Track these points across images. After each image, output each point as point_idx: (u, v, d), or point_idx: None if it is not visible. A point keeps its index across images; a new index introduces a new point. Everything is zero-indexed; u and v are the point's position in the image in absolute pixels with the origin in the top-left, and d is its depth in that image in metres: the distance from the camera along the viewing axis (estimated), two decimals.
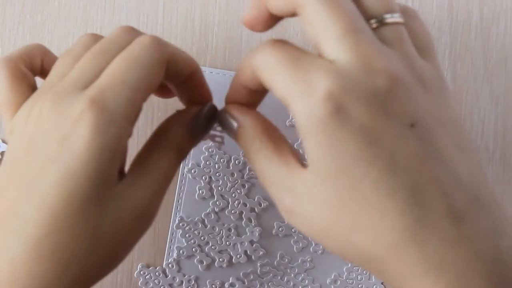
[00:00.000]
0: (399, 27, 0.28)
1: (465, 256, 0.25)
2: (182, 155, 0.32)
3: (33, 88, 0.32)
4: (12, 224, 0.27)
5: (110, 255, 0.29)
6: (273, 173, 0.29)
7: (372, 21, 0.27)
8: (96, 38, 0.31)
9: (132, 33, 0.31)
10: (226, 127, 0.32)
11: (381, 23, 0.27)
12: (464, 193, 0.26)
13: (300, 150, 0.38)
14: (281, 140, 0.30)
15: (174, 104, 0.35)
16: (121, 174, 0.30)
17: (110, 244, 0.29)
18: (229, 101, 0.32)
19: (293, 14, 0.28)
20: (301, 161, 0.29)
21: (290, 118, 0.38)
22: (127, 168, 0.31)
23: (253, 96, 0.31)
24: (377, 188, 0.25)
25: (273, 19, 0.30)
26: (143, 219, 0.30)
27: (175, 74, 0.31)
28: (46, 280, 0.27)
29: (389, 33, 0.27)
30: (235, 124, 0.31)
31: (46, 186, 0.27)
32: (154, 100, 0.39)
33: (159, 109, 0.40)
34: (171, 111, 0.33)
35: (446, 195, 0.26)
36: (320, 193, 0.26)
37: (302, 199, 0.27)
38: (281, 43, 0.28)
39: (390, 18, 0.27)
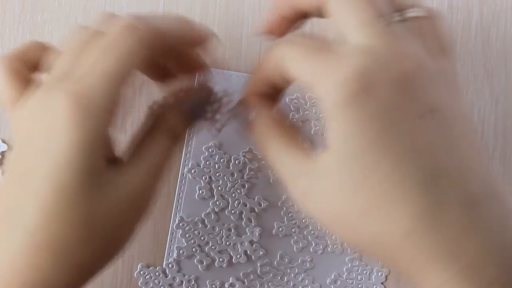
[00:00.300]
0: (423, 22, 0.29)
1: (476, 244, 0.25)
2: (176, 139, 0.32)
3: (31, 84, 0.32)
4: (11, 219, 0.28)
5: (108, 242, 0.29)
6: (289, 160, 0.29)
7: (397, 13, 0.28)
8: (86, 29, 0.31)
9: (111, 19, 0.31)
10: (242, 117, 0.32)
11: (406, 16, 0.28)
12: (479, 183, 0.26)
13: None
14: (297, 132, 0.31)
15: None
16: (113, 161, 0.30)
17: (106, 231, 0.29)
18: (248, 93, 0.32)
19: (317, 9, 0.29)
20: (316, 150, 0.29)
21: (290, 118, 0.38)
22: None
23: (272, 92, 0.32)
24: (396, 170, 0.26)
25: (290, 22, 0.31)
26: (138, 204, 0.30)
27: (168, 49, 0.32)
28: (45, 270, 0.28)
29: (414, 26, 0.28)
30: (251, 114, 0.32)
31: (38, 179, 0.28)
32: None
33: None
34: None
35: (461, 182, 0.26)
36: (336, 177, 0.27)
37: (318, 183, 0.28)
38: (304, 35, 0.29)
39: (415, 12, 0.28)
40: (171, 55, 0.33)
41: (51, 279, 0.28)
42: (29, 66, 0.33)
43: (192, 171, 0.39)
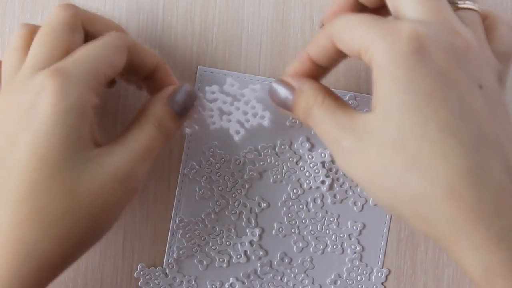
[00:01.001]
0: (476, 14, 0.30)
1: None
2: (163, 129, 0.33)
3: None
4: None
5: (90, 217, 0.30)
6: (336, 120, 0.30)
7: (456, 1, 0.30)
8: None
9: (71, 8, 0.32)
10: (279, 97, 0.33)
11: (461, 6, 0.30)
12: None
13: (301, 150, 0.38)
14: (342, 101, 0.32)
15: None
16: (98, 145, 0.31)
17: (89, 206, 0.29)
18: (288, 73, 0.34)
19: None
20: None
21: (290, 118, 0.38)
22: None
23: (315, 72, 0.33)
24: (444, 128, 0.26)
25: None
26: (125, 185, 0.30)
27: (138, 66, 0.33)
28: (27, 243, 0.28)
29: (467, 16, 0.30)
30: (289, 93, 0.32)
31: (20, 153, 0.28)
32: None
33: None
34: None
35: (503, 152, 0.27)
36: (384, 131, 0.28)
37: (363, 139, 0.29)
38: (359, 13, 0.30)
39: (470, 4, 0.31)
40: (146, 76, 0.34)
41: (35, 252, 0.28)
42: None
43: (192, 171, 0.39)
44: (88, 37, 0.33)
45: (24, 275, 0.28)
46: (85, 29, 0.32)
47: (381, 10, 0.32)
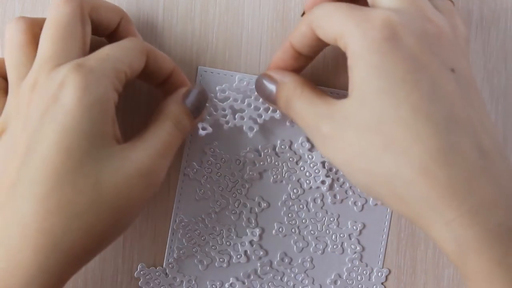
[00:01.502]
0: (450, 4, 0.32)
1: (488, 187, 0.27)
2: (181, 126, 0.34)
3: (7, 92, 0.33)
4: (18, 189, 0.29)
5: (114, 210, 0.30)
6: (313, 109, 0.32)
7: None
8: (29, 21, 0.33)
9: (75, 2, 0.32)
10: (264, 91, 0.35)
11: None
12: (490, 138, 0.29)
13: (301, 150, 0.38)
14: (320, 90, 0.33)
15: None
16: (120, 141, 0.31)
17: (113, 200, 0.30)
18: (271, 67, 0.35)
19: None
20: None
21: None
22: None
23: (298, 60, 0.34)
24: (417, 110, 0.28)
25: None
26: (146, 178, 0.31)
27: (156, 69, 0.34)
28: (55, 234, 0.29)
29: (442, 4, 0.32)
30: (273, 87, 0.34)
31: (45, 146, 0.29)
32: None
33: None
34: None
35: (475, 132, 0.28)
36: (360, 115, 0.29)
37: (340, 124, 0.30)
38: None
39: None
40: (162, 81, 0.35)
41: (62, 244, 0.29)
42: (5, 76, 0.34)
43: (192, 171, 0.39)
44: (94, 24, 0.33)
45: (48, 267, 0.29)
46: (91, 18, 0.33)
47: (361, 1, 0.33)
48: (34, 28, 0.32)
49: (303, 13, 0.34)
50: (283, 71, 0.34)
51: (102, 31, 0.34)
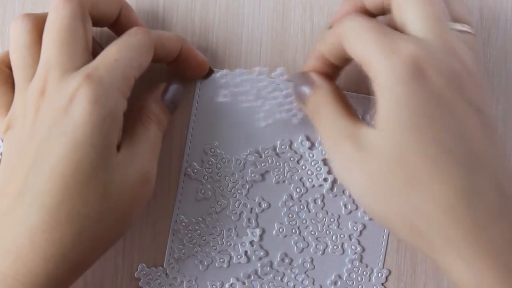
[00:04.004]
0: (474, 38, 0.32)
1: (508, 230, 0.27)
2: (161, 126, 0.34)
3: (13, 84, 0.33)
4: (25, 198, 0.29)
5: (120, 218, 0.31)
6: (341, 124, 0.31)
7: (453, 23, 0.31)
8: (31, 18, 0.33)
9: (74, 2, 0.32)
10: (299, 88, 0.35)
11: (462, 29, 0.31)
12: (509, 180, 0.29)
13: (301, 149, 0.38)
14: (352, 108, 0.33)
15: None
16: (118, 149, 0.31)
17: (119, 208, 0.31)
18: (307, 67, 0.35)
19: (381, 5, 0.32)
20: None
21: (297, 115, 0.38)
22: None
23: (329, 69, 0.34)
24: (444, 149, 0.28)
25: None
26: (145, 183, 0.32)
27: (165, 54, 0.34)
28: (64, 244, 0.29)
29: (467, 40, 0.31)
30: (308, 86, 0.34)
31: (55, 158, 0.29)
32: None
33: None
34: None
35: (497, 175, 0.28)
36: (386, 146, 0.29)
37: (365, 150, 0.30)
38: (368, 17, 0.31)
39: (468, 28, 0.32)
40: (173, 60, 0.36)
41: (71, 254, 0.29)
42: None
43: (192, 171, 0.38)
44: (95, 19, 0.33)
45: (57, 275, 0.29)
46: (92, 14, 0.32)
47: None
48: (40, 26, 0.32)
49: (330, 27, 0.34)
50: (324, 78, 0.34)
51: (104, 23, 0.34)
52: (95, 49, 0.34)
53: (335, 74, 0.35)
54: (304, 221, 0.39)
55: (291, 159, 0.38)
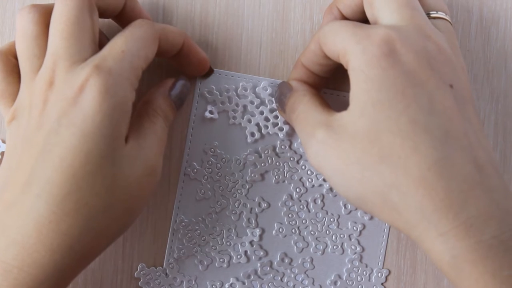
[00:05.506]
0: (448, 24, 0.33)
1: (482, 201, 0.28)
2: (168, 121, 0.35)
3: (19, 74, 0.33)
4: (33, 188, 0.29)
5: (126, 210, 0.31)
6: (314, 115, 0.32)
7: (429, 12, 0.33)
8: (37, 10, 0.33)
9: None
10: (279, 94, 0.36)
11: (435, 15, 0.33)
12: (485, 153, 0.29)
13: (301, 149, 0.38)
14: (327, 102, 0.34)
15: None
16: (127, 140, 0.32)
17: (125, 200, 0.31)
18: (292, 77, 0.36)
19: (357, 10, 0.34)
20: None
21: None
22: None
23: (310, 79, 0.35)
24: (415, 122, 0.28)
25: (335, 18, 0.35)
26: (151, 176, 0.32)
27: (168, 47, 0.34)
28: (71, 235, 0.29)
29: (441, 24, 0.33)
30: (288, 92, 0.35)
31: (64, 148, 0.29)
32: None
33: None
34: None
35: (471, 147, 0.29)
36: (357, 125, 0.29)
37: (337, 132, 0.30)
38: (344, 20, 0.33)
39: (443, 15, 0.33)
40: (176, 54, 0.36)
41: (78, 245, 0.29)
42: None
43: (192, 171, 0.39)
44: (101, 10, 0.33)
45: (63, 266, 0.29)
46: (98, 5, 0.32)
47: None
48: (47, 17, 0.32)
49: None
50: (303, 83, 0.35)
51: (109, 15, 0.34)
52: (101, 40, 0.34)
53: (316, 85, 0.36)
54: (304, 221, 0.39)
55: (291, 159, 0.38)
